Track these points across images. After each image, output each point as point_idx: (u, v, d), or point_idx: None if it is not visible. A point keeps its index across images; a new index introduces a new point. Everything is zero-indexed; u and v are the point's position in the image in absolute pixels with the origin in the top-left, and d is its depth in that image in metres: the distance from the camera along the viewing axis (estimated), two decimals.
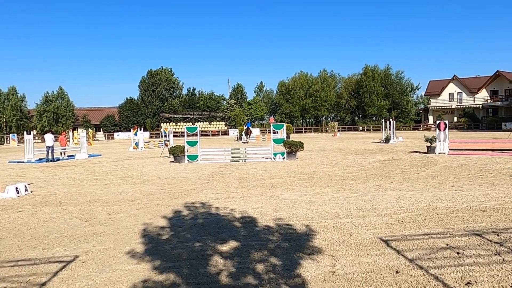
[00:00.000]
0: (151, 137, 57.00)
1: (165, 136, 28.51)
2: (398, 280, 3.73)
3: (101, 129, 66.85)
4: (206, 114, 69.71)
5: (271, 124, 18.66)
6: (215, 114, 69.88)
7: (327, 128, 62.25)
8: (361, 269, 4.04)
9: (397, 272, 3.93)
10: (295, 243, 4.96)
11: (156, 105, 69.35)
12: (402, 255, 4.40)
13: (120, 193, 9.26)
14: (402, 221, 5.90)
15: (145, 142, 29.99)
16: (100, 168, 15.39)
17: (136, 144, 28.17)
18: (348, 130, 64.05)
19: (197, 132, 17.34)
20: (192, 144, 17.27)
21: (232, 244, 5.02)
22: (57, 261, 4.56)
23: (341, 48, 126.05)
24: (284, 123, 19.97)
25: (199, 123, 64.63)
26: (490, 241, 4.81)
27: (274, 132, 18.70)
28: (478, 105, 61.01)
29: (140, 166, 15.67)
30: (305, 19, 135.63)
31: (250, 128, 43.38)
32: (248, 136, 36.96)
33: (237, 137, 44.42)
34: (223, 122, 68.74)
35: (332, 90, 70.60)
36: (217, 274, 4.01)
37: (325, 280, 3.79)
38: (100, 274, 4.12)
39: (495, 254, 4.33)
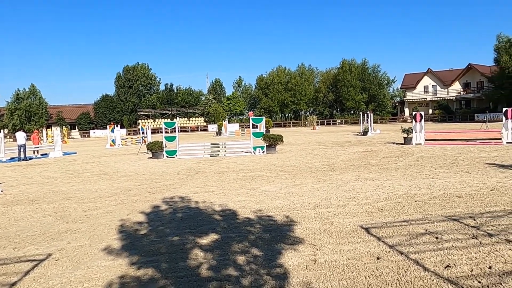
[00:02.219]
0: (129, 134, 56.00)
1: (143, 132, 28.01)
2: (379, 266, 3.72)
3: (76, 127, 65.22)
4: (184, 110, 69.04)
5: (251, 118, 18.58)
6: (193, 109, 69.28)
7: (306, 122, 62.70)
8: (342, 256, 4.02)
9: (378, 258, 3.93)
10: (276, 234, 4.91)
11: (133, 101, 68.12)
12: (383, 241, 4.42)
13: (96, 190, 9.00)
14: (382, 209, 5.94)
15: (122, 139, 29.39)
16: (75, 166, 14.95)
17: (113, 141, 27.57)
18: (327, 124, 64.70)
19: (175, 127, 17.08)
20: (171, 139, 17.01)
21: (212, 236, 4.93)
22: (28, 260, 4.35)
23: (319, 43, 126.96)
24: (263, 117, 19.92)
25: (177, 119, 63.91)
26: (467, 225, 4.89)
27: (253, 126, 18.65)
28: (451, 97, 62.68)
29: (117, 163, 15.32)
30: (282, 13, 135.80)
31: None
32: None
33: (217, 133, 44.13)
34: (202, 118, 68.22)
35: (310, 84, 71.10)
36: (197, 267, 3.91)
37: (307, 268, 3.75)
38: (75, 271, 3.96)
39: (472, 238, 4.40)
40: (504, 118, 16.74)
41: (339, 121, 65.82)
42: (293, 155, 15.49)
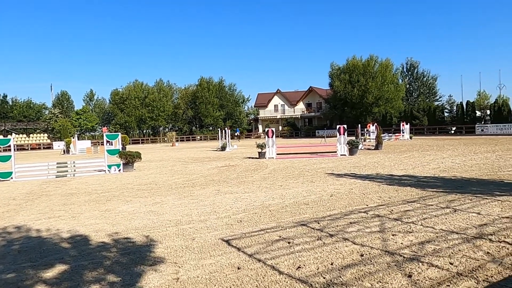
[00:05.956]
0: None
1: None
2: (240, 275, 3.86)
3: None
4: (23, 125, 60.06)
5: (104, 134, 17.29)
6: (34, 125, 60.86)
7: (165, 139, 61.65)
8: (205, 271, 4.03)
9: (238, 268, 4.07)
10: (135, 256, 4.63)
11: None
12: (243, 251, 4.61)
13: None
14: (241, 221, 6.21)
15: None
16: None
17: None
18: (187, 140, 64.85)
19: (10, 144, 14.66)
20: (4, 159, 14.53)
21: (60, 268, 4.35)
22: None
23: (177, 59, 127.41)
24: (119, 133, 18.78)
25: (13, 135, 55.04)
26: (313, 228, 5.49)
27: (108, 143, 17.41)
28: (297, 116, 70.56)
29: None
30: (138, 25, 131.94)
31: (238, 133, 51.11)
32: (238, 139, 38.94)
33: (64, 150, 39.59)
34: (46, 134, 60.38)
35: (169, 100, 70.54)
36: None
37: None
38: None
39: (317, 239, 4.96)
40: (338, 134, 19.58)
41: (199, 137, 66.78)
42: (152, 172, 15.00)
